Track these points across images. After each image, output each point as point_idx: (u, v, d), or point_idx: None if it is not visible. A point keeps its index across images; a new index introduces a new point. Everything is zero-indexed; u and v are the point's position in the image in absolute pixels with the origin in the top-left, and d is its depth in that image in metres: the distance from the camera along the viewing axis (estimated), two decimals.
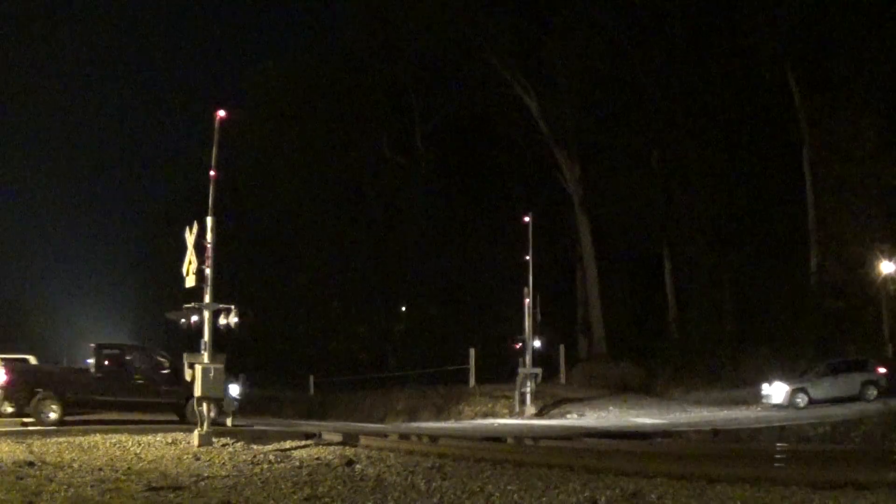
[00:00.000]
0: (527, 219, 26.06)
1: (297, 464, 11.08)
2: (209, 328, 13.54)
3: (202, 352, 13.58)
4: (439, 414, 26.17)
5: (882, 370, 23.36)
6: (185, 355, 13.73)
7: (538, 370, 25.00)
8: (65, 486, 8.56)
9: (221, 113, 14.14)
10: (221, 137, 14.12)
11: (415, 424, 23.57)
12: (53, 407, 15.79)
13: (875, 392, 22.84)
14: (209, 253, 13.64)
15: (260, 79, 43.13)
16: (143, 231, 54.53)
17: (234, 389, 17.48)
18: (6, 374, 16.16)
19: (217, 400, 13.68)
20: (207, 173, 14.27)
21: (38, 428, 15.73)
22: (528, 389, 24.51)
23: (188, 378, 13.60)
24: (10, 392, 16.21)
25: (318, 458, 11.69)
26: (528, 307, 25.23)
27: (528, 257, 25.55)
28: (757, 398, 23.58)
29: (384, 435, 16.45)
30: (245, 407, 19.62)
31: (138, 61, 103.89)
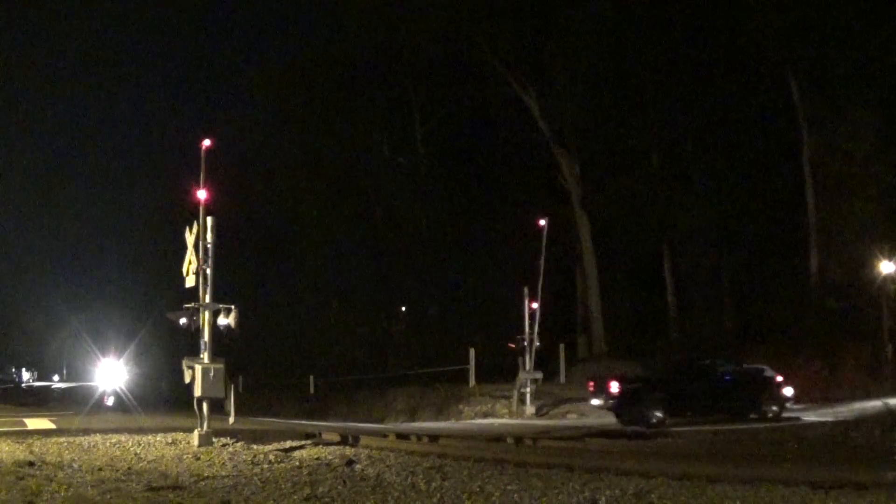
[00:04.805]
0: (542, 222, 25.10)
1: (297, 464, 11.08)
2: (209, 328, 13.53)
3: (202, 351, 13.57)
4: (439, 414, 26.15)
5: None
6: (184, 360, 13.70)
7: (539, 374, 24.50)
8: (65, 486, 8.56)
9: (206, 142, 14.03)
10: (208, 164, 14.00)
11: (415, 424, 23.57)
12: (658, 412, 17.94)
13: None
14: (209, 253, 13.65)
15: (260, 78, 43.14)
16: (143, 230, 54.45)
17: (790, 391, 19.42)
18: (619, 386, 18.37)
19: (217, 400, 13.66)
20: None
21: (38, 428, 15.76)
22: (529, 389, 24.37)
23: (187, 379, 13.57)
24: (619, 402, 18.39)
25: (318, 458, 11.69)
26: (528, 308, 24.92)
27: (541, 261, 24.73)
28: None
29: (384, 435, 16.47)
30: (244, 407, 19.69)
31: (138, 60, 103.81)
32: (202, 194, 13.76)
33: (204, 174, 13.88)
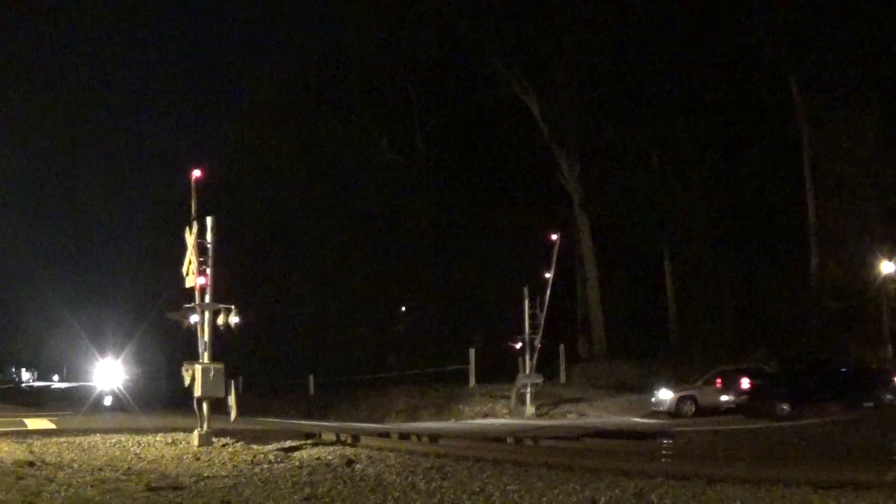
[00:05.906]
0: (554, 237, 25.61)
1: (297, 464, 11.08)
2: (209, 328, 13.52)
3: (202, 351, 13.55)
4: (439, 414, 26.14)
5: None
6: (184, 364, 13.68)
7: (539, 379, 24.40)
8: (65, 486, 8.56)
9: (197, 173, 13.99)
10: (199, 193, 13.97)
11: (415, 424, 23.55)
12: (784, 405, 19.31)
13: None
14: (209, 253, 13.64)
15: (260, 77, 43.20)
16: (143, 231, 54.52)
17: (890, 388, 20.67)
18: (749, 382, 19.92)
19: (218, 400, 13.64)
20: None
21: (38, 428, 15.76)
22: (528, 390, 24.33)
23: (187, 382, 13.53)
24: (751, 398, 19.89)
25: (318, 458, 11.69)
26: (528, 310, 24.81)
27: (550, 275, 24.96)
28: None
29: (384, 435, 16.47)
30: (245, 407, 19.67)
31: (139, 61, 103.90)
32: (194, 214, 13.76)
33: (196, 203, 13.84)
